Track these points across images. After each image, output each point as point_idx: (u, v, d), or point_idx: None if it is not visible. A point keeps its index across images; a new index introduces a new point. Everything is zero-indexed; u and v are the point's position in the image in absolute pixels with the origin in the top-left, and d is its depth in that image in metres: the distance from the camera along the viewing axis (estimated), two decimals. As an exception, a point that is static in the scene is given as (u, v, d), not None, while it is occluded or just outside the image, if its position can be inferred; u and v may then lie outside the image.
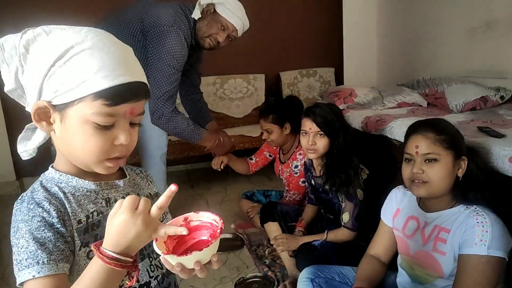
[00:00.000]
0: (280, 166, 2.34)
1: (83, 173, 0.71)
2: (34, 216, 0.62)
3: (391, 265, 1.47)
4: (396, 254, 1.43)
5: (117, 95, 0.61)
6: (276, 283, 1.78)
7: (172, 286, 0.83)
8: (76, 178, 0.70)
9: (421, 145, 1.19)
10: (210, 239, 0.66)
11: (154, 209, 0.59)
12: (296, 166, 2.17)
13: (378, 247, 1.46)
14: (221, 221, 0.66)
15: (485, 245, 1.09)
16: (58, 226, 0.63)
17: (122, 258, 0.56)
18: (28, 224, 0.61)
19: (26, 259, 0.59)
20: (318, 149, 1.70)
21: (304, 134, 1.75)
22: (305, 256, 1.64)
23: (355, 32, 3.87)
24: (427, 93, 2.67)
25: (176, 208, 2.87)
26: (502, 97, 2.34)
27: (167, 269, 0.65)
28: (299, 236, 1.85)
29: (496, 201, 1.21)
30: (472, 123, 1.98)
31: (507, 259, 1.12)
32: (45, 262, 0.59)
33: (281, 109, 2.23)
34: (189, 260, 0.61)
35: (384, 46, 3.86)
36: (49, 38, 0.62)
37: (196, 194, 3.20)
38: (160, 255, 0.62)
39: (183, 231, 0.60)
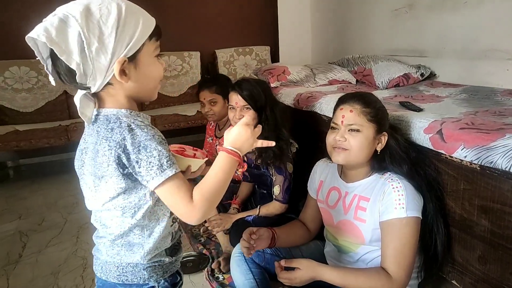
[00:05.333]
0: (216, 141, 2.30)
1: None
2: (154, 135, 0.78)
3: (321, 236, 1.53)
4: (323, 226, 1.49)
5: (159, 31, 0.82)
6: (210, 260, 1.77)
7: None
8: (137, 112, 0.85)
9: (347, 115, 1.24)
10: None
11: (256, 128, 0.90)
12: None
13: (305, 216, 1.53)
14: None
15: (403, 208, 1.16)
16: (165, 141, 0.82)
17: (237, 151, 0.84)
18: (154, 140, 0.77)
19: (166, 162, 0.76)
20: None
21: (231, 108, 1.74)
22: (238, 232, 1.64)
23: (289, 11, 3.89)
24: (356, 70, 2.77)
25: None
26: (422, 74, 2.49)
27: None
28: (233, 213, 1.85)
29: (413, 171, 1.30)
30: (395, 98, 2.09)
31: (421, 218, 1.21)
32: (175, 162, 0.79)
33: (221, 82, 2.20)
34: (199, 163, 0.92)
35: (317, 26, 3.93)
36: (97, 13, 0.73)
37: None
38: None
39: (272, 143, 0.92)
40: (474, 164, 1.21)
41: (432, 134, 1.36)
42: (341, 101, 1.30)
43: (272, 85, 2.63)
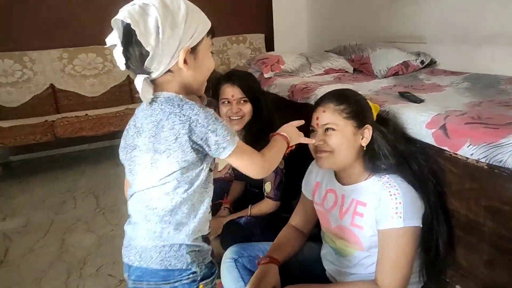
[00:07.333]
0: None
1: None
2: (212, 112, 0.86)
3: (317, 238, 1.45)
4: (319, 226, 1.40)
5: (213, 30, 0.93)
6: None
7: None
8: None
9: (321, 116, 1.19)
10: None
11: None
12: None
13: (298, 218, 1.45)
14: None
15: (400, 217, 1.08)
16: None
17: (286, 135, 1.04)
18: (215, 116, 0.86)
19: (232, 131, 0.86)
20: (244, 115, 1.60)
21: (225, 102, 1.62)
22: (228, 235, 1.56)
23: (284, -3, 3.76)
24: (353, 58, 2.66)
25: (105, 187, 2.67)
26: (422, 62, 2.39)
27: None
28: (224, 215, 1.76)
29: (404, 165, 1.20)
30: (394, 88, 1.99)
31: (421, 226, 1.12)
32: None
33: None
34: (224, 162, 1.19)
35: (313, 12, 3.80)
36: (171, 5, 0.83)
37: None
38: None
39: (312, 141, 1.18)
40: (481, 162, 1.11)
41: (435, 129, 1.26)
42: (315, 105, 1.25)
43: (265, 75, 2.52)
